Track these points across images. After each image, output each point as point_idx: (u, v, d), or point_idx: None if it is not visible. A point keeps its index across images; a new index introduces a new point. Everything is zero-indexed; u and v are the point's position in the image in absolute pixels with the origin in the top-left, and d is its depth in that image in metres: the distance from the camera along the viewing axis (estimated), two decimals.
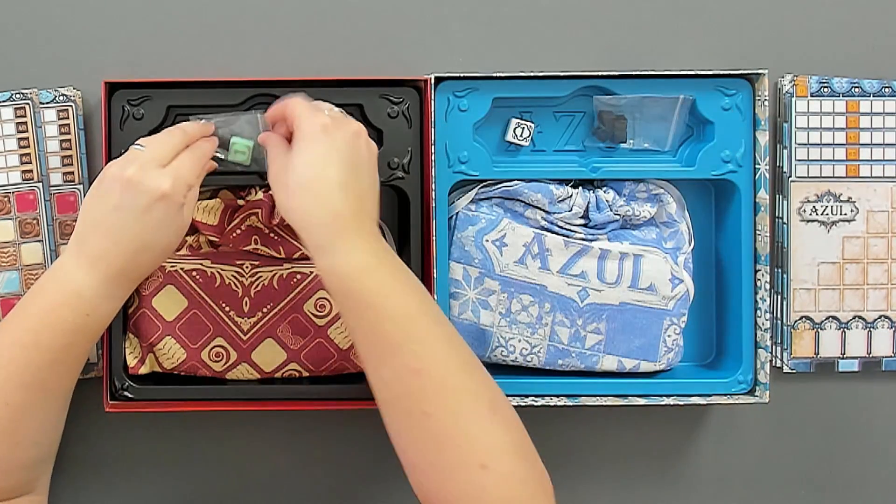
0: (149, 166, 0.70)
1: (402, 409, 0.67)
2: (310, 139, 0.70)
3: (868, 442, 0.88)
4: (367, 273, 0.68)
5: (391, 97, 0.80)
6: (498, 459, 0.64)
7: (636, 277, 0.82)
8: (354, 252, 0.68)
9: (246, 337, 0.81)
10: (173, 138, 0.73)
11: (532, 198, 0.82)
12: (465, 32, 0.86)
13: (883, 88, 0.85)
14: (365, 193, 0.71)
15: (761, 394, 0.82)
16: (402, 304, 0.68)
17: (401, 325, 0.67)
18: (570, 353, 0.83)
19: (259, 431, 0.86)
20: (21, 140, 0.83)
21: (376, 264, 0.68)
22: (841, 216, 0.85)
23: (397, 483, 0.87)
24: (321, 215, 0.68)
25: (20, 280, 0.83)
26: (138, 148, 0.71)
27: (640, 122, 0.83)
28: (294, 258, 0.81)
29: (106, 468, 0.86)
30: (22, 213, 0.83)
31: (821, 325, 0.85)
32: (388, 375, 0.67)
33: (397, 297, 0.68)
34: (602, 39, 0.86)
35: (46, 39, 0.85)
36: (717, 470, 0.88)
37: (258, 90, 0.80)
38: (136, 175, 0.70)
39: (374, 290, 0.67)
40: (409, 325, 0.67)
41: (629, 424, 0.87)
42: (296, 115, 0.71)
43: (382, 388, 0.68)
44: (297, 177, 0.69)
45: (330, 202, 0.69)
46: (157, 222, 0.70)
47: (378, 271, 0.68)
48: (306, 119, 0.71)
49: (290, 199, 0.70)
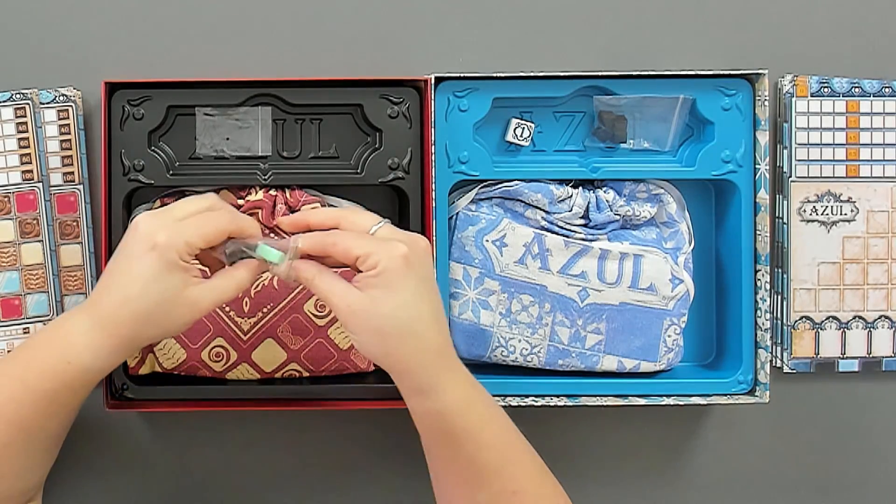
0: (159, 215, 0.68)
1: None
2: (394, 275, 0.65)
3: (868, 442, 0.88)
4: (469, 406, 0.68)
5: (391, 97, 0.80)
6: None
7: (636, 277, 0.82)
8: (456, 386, 0.68)
9: (246, 337, 0.81)
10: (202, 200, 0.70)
11: (532, 198, 0.82)
12: (465, 32, 0.86)
13: (883, 88, 0.85)
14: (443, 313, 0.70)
15: (761, 394, 0.82)
16: (498, 431, 0.69)
17: (500, 451, 0.69)
18: (571, 353, 0.83)
19: (259, 431, 0.86)
20: (21, 140, 0.83)
21: (474, 395, 0.69)
22: (841, 216, 0.85)
23: (397, 483, 0.87)
24: (423, 358, 0.67)
25: (20, 280, 0.83)
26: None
27: (640, 122, 0.83)
28: None
29: (106, 468, 0.86)
30: (22, 214, 0.83)
31: (821, 325, 0.85)
32: (486, 499, 0.68)
33: (494, 423, 0.69)
34: (602, 39, 0.86)
35: (46, 39, 0.85)
36: (717, 470, 0.88)
37: (258, 90, 0.80)
38: (141, 221, 0.67)
39: (476, 422, 0.68)
40: (507, 449, 0.69)
41: (629, 424, 0.87)
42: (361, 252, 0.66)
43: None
44: (392, 322, 0.66)
45: (430, 341, 0.67)
46: (148, 277, 0.66)
47: (477, 401, 0.69)
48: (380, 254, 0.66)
49: (385, 345, 0.67)
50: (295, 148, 0.81)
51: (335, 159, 0.81)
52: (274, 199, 0.80)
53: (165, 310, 0.67)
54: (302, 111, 0.81)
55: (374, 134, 0.81)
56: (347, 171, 0.81)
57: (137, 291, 0.66)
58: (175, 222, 0.67)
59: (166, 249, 0.66)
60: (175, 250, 0.66)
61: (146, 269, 0.66)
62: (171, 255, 0.66)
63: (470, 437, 0.68)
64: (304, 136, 0.81)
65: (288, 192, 0.81)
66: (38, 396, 0.68)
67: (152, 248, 0.66)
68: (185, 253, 0.66)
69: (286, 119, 0.81)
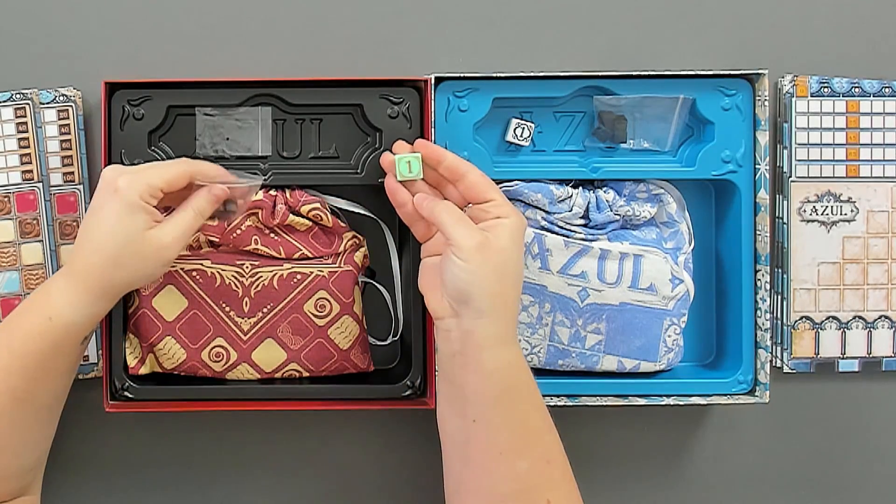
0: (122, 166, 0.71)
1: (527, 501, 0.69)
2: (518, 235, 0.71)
3: (868, 442, 0.88)
4: (525, 366, 0.71)
5: (391, 97, 0.80)
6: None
7: (636, 277, 0.82)
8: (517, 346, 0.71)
9: (246, 337, 0.81)
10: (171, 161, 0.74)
11: (532, 198, 0.82)
12: (465, 32, 0.86)
13: (883, 88, 0.85)
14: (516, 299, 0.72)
15: (761, 394, 0.82)
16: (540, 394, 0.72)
17: (544, 415, 0.71)
18: (570, 353, 0.83)
19: (259, 431, 0.86)
20: (21, 140, 0.83)
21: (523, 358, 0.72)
22: (841, 216, 0.85)
23: (397, 483, 0.87)
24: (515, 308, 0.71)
25: (20, 280, 0.83)
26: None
27: (640, 122, 0.83)
28: (294, 258, 0.81)
29: (106, 468, 0.86)
30: (22, 214, 0.83)
31: (821, 325, 0.85)
32: (525, 467, 0.69)
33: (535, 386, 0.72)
34: (602, 39, 0.86)
35: (46, 39, 0.85)
36: (717, 470, 0.88)
37: (258, 90, 0.80)
38: (106, 171, 0.71)
39: (530, 382, 0.71)
40: (547, 416, 0.71)
41: (629, 424, 0.87)
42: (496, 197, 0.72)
43: (509, 482, 0.69)
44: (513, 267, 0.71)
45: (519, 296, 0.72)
46: (114, 221, 0.69)
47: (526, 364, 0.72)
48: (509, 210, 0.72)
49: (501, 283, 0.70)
50: (295, 148, 0.81)
51: (335, 159, 0.81)
52: (274, 199, 0.80)
53: (132, 251, 0.70)
54: (302, 111, 0.81)
55: (374, 134, 0.81)
56: (347, 171, 0.81)
57: (103, 236, 0.69)
58: (136, 169, 0.71)
59: (127, 191, 0.69)
60: (136, 191, 0.69)
61: (110, 213, 0.69)
62: (131, 196, 0.69)
63: (529, 393, 0.71)
64: (304, 136, 0.81)
65: (288, 192, 0.81)
66: (24, 361, 0.69)
67: (115, 191, 0.69)
68: (147, 194, 0.70)
69: (286, 119, 0.81)
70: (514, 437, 0.69)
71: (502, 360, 0.69)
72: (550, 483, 0.69)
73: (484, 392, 0.69)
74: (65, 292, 0.70)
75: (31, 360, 0.70)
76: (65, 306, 0.70)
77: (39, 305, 0.71)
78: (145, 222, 0.70)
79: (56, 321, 0.70)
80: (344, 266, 0.82)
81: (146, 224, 0.70)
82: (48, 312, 0.70)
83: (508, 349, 0.70)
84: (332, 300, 0.82)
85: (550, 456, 0.70)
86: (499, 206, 0.71)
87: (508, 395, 0.70)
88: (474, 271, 0.69)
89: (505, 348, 0.70)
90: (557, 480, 0.70)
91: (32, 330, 0.70)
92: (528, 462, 0.69)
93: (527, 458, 0.69)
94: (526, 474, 0.69)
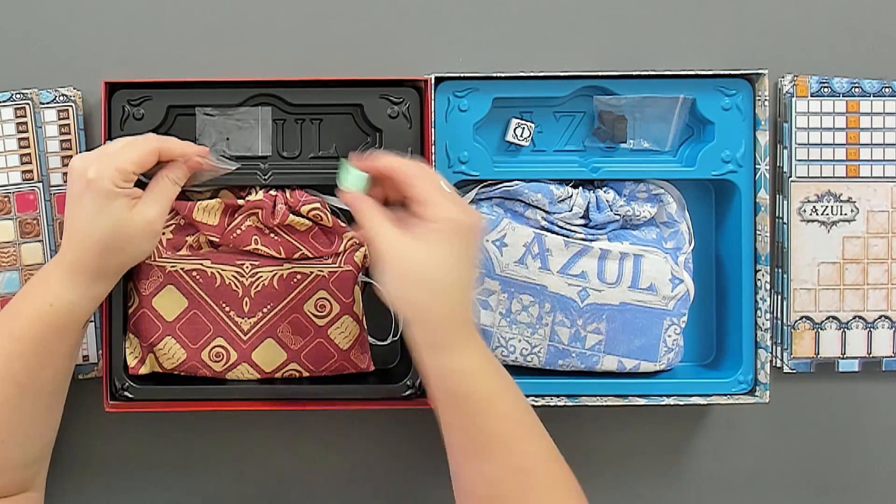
0: (89, 153, 0.71)
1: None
2: (450, 238, 0.68)
3: (868, 442, 0.88)
4: (480, 374, 0.69)
5: (391, 97, 0.80)
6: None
7: (636, 277, 0.82)
8: (473, 351, 0.69)
9: (246, 337, 0.81)
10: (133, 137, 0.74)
11: (532, 198, 0.82)
12: (465, 32, 0.86)
13: (883, 88, 0.85)
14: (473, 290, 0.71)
15: (761, 394, 0.82)
16: (510, 404, 0.69)
17: (511, 425, 0.69)
18: (571, 353, 0.83)
19: (259, 431, 0.86)
20: (21, 140, 0.83)
21: (486, 365, 0.69)
22: (841, 216, 0.85)
23: (397, 483, 0.87)
24: (445, 316, 0.68)
25: (20, 280, 0.83)
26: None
27: (640, 122, 0.83)
28: (294, 258, 0.81)
29: (106, 468, 0.86)
30: (22, 213, 0.83)
31: (821, 325, 0.85)
32: (492, 473, 0.68)
33: (507, 396, 0.69)
34: (602, 39, 0.86)
35: (46, 39, 0.85)
36: (717, 470, 0.88)
37: (258, 90, 0.80)
38: (74, 161, 0.71)
39: (487, 390, 0.69)
40: (518, 425, 0.69)
41: (629, 424, 0.87)
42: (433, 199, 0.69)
43: (481, 485, 0.68)
44: (430, 274, 0.67)
45: (456, 304, 0.68)
46: (94, 211, 0.70)
47: (489, 372, 0.69)
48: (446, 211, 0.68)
49: (405, 290, 0.68)
50: (295, 148, 0.81)
51: (335, 159, 0.81)
52: (274, 199, 0.80)
53: (120, 235, 0.71)
54: (302, 111, 0.81)
55: (374, 134, 0.81)
56: None
57: (87, 227, 0.70)
58: (103, 155, 0.71)
59: (100, 181, 0.69)
60: (109, 180, 0.69)
61: (88, 205, 0.70)
62: (104, 185, 0.69)
63: (480, 403, 0.68)
64: (304, 136, 0.81)
65: (288, 192, 0.81)
66: (25, 346, 0.70)
67: (87, 184, 0.69)
68: (120, 180, 0.70)
69: (286, 119, 0.81)
70: (473, 443, 0.68)
71: (442, 367, 0.68)
72: (529, 493, 0.67)
73: (433, 394, 0.70)
74: (63, 280, 0.71)
75: (32, 344, 0.70)
76: (65, 290, 0.70)
77: (38, 292, 0.71)
78: (125, 205, 0.70)
79: (57, 306, 0.70)
80: (344, 266, 0.82)
81: (127, 206, 0.71)
82: (48, 299, 0.70)
83: (449, 356, 0.68)
84: (332, 300, 0.82)
85: (527, 464, 0.68)
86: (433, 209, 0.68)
87: (456, 401, 0.68)
88: (386, 282, 0.69)
89: (442, 355, 0.68)
90: (539, 490, 0.68)
91: (33, 315, 0.70)
92: (493, 468, 0.68)
93: (492, 464, 0.68)
94: (496, 480, 0.68)
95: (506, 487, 0.67)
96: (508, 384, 0.71)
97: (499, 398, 0.69)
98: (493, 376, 0.70)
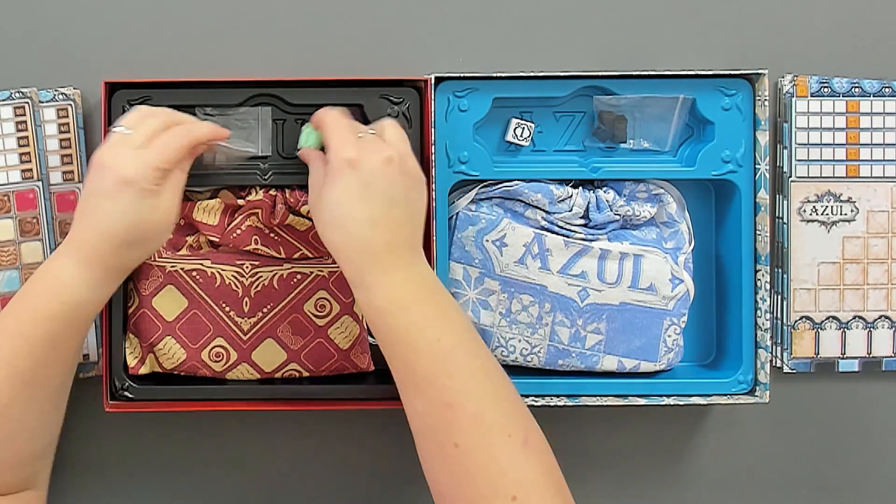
0: (119, 148, 0.70)
1: (434, 441, 0.67)
2: (338, 174, 0.70)
3: (868, 442, 0.88)
4: (400, 308, 0.69)
5: (391, 97, 0.80)
6: (528, 492, 0.65)
7: (636, 277, 0.82)
8: (387, 288, 0.69)
9: (246, 337, 0.81)
10: (154, 120, 0.73)
11: (532, 198, 0.82)
12: (465, 32, 0.86)
13: (883, 88, 0.85)
14: (400, 224, 0.71)
15: (761, 394, 0.82)
16: (434, 339, 0.68)
17: (433, 360, 0.68)
18: (570, 353, 0.83)
19: (259, 431, 0.86)
20: (21, 139, 0.83)
21: (410, 299, 0.69)
22: (841, 216, 0.85)
23: (397, 483, 0.87)
24: (352, 253, 0.70)
25: (20, 279, 0.83)
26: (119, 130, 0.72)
27: (640, 122, 0.83)
28: (294, 258, 0.81)
29: (106, 468, 0.86)
30: (22, 212, 0.83)
31: (821, 325, 0.85)
32: (422, 408, 0.68)
33: (431, 331, 0.68)
34: (602, 39, 0.86)
35: (46, 39, 0.85)
36: (717, 470, 0.88)
37: (258, 90, 0.80)
38: (105, 157, 0.70)
39: (407, 325, 0.68)
40: (442, 360, 0.68)
41: (629, 424, 0.87)
42: (329, 140, 0.72)
43: (416, 419, 0.69)
44: (329, 212, 0.70)
45: (360, 240, 0.69)
46: (126, 209, 0.69)
47: (411, 306, 0.69)
48: (336, 150, 0.71)
49: (325, 232, 0.71)
50: (295, 148, 0.81)
51: None
52: (274, 199, 0.80)
53: (144, 229, 0.71)
54: (302, 111, 0.81)
55: None
56: None
57: (116, 224, 0.70)
58: (137, 152, 0.70)
59: (138, 181, 0.69)
60: (150, 181, 0.70)
61: (124, 203, 0.69)
62: (144, 185, 0.69)
63: (399, 338, 0.69)
64: None
65: (288, 192, 0.81)
66: (34, 344, 0.69)
67: (126, 183, 0.69)
68: (159, 178, 0.70)
69: (286, 119, 0.81)
70: (398, 375, 0.69)
71: (362, 303, 0.70)
72: (454, 427, 0.66)
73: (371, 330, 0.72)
74: (77, 276, 0.70)
75: (42, 342, 0.69)
76: (78, 289, 0.70)
77: (48, 289, 0.70)
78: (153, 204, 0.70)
79: (71, 303, 0.70)
80: None
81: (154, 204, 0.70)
82: (61, 297, 0.69)
83: (366, 293, 0.69)
84: (332, 300, 0.82)
85: (450, 400, 0.66)
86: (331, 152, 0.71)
87: (380, 335, 0.70)
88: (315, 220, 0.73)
89: (360, 292, 0.70)
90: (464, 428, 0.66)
91: (43, 312, 0.69)
92: (423, 403, 0.68)
93: (421, 399, 0.68)
94: (425, 415, 0.68)
95: (431, 421, 0.67)
96: (441, 319, 0.69)
97: (423, 332, 0.68)
98: (417, 310, 0.69)
